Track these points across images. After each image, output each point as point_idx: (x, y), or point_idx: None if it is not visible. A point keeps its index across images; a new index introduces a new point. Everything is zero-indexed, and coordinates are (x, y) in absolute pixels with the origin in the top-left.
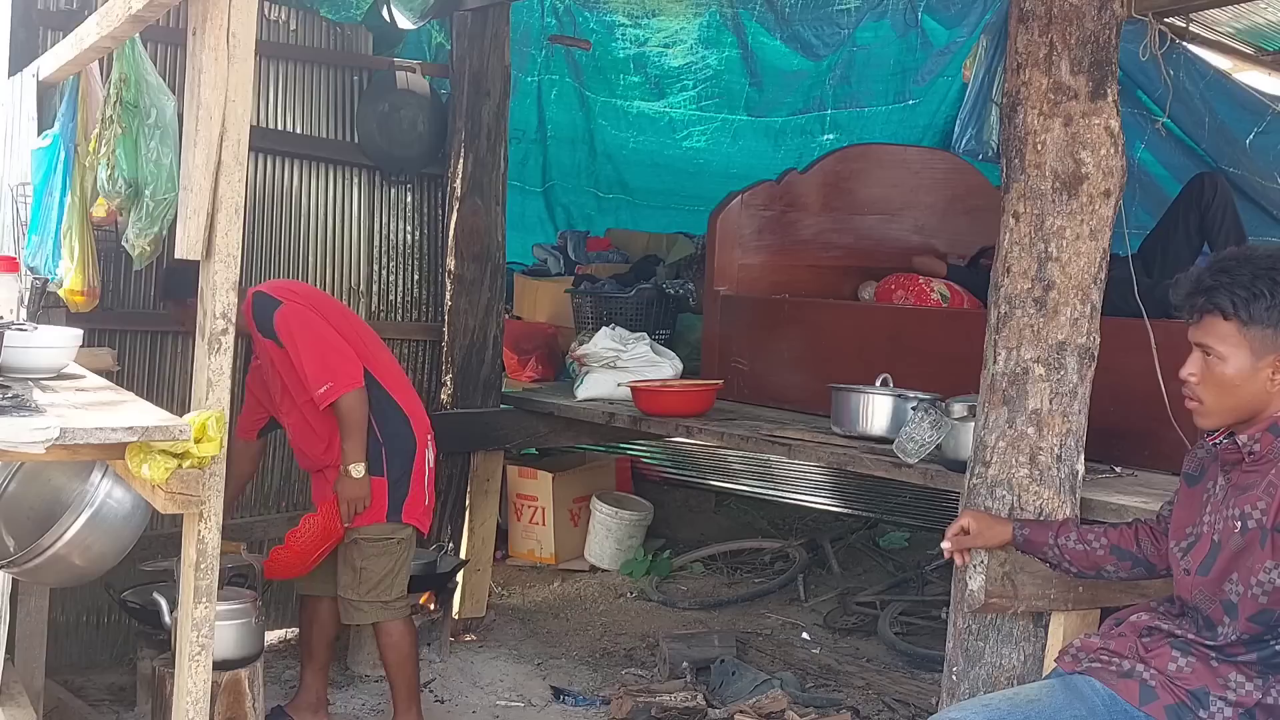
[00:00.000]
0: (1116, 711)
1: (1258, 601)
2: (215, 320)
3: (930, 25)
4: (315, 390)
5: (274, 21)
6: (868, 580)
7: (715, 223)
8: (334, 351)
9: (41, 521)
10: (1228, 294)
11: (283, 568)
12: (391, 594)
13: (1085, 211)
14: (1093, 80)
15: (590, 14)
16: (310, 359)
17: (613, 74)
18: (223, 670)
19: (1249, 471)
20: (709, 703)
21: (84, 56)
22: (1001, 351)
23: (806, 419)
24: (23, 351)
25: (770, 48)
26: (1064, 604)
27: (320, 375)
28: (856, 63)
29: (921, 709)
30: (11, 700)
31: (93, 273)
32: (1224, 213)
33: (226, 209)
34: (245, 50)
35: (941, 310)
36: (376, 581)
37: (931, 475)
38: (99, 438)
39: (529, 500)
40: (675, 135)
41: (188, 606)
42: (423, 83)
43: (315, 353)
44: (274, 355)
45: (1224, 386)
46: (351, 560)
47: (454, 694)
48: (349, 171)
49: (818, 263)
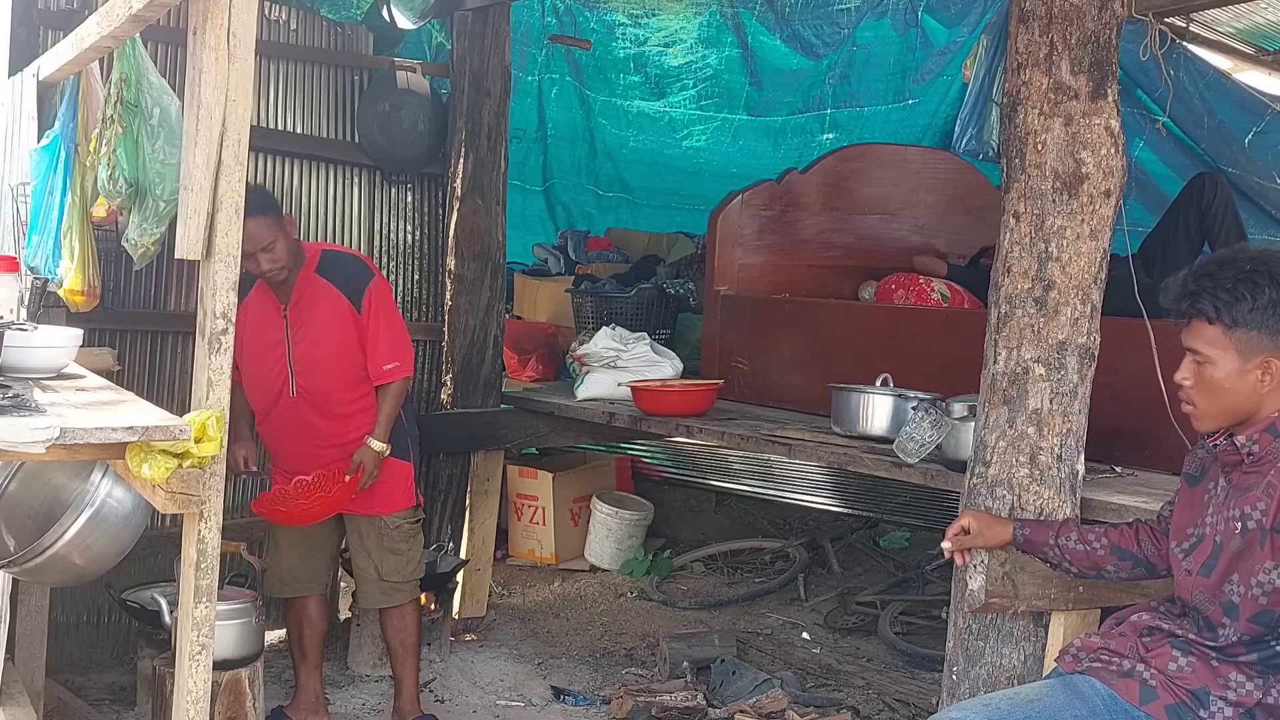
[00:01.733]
0: (1117, 711)
1: (1258, 602)
2: (215, 320)
3: (930, 25)
4: (382, 365)
5: (274, 21)
6: (868, 580)
7: (715, 222)
8: (405, 336)
9: (42, 521)
10: (1211, 298)
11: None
12: (421, 572)
13: (1085, 211)
14: (1093, 80)
15: (590, 13)
16: (388, 336)
17: (613, 73)
18: (223, 670)
19: (1249, 472)
20: (709, 702)
21: (84, 56)
22: (1002, 351)
23: (807, 419)
24: (23, 351)
25: (770, 47)
26: (1064, 604)
27: (391, 353)
28: (856, 62)
29: (922, 709)
30: (12, 700)
31: (93, 273)
32: (1224, 212)
33: (226, 209)
34: (246, 50)
35: (942, 310)
36: (417, 561)
37: (932, 475)
38: (99, 437)
39: (529, 500)
40: (675, 134)
41: (188, 606)
42: (423, 82)
43: (394, 332)
44: (336, 317)
45: (1214, 390)
46: (392, 545)
47: (454, 694)
48: (349, 171)
49: (818, 262)
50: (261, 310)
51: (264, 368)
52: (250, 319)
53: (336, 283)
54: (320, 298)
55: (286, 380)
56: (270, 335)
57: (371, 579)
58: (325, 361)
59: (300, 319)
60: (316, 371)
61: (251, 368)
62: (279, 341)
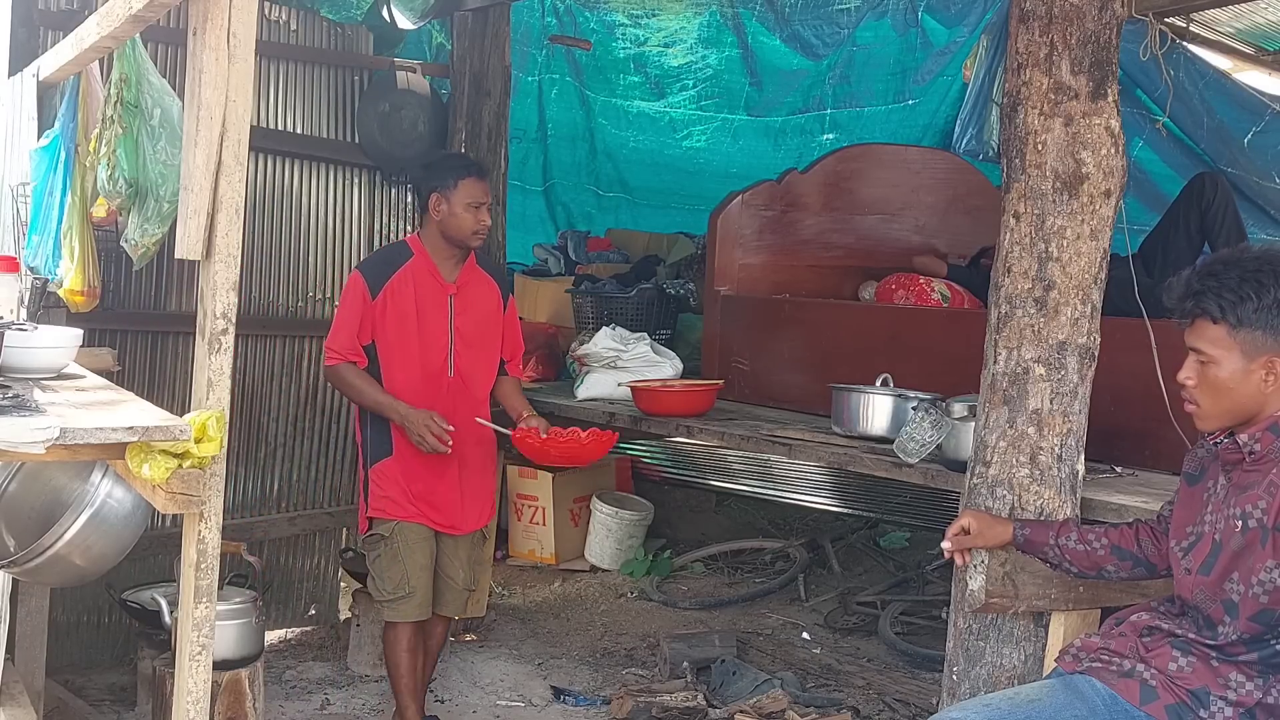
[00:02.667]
0: (1117, 711)
1: (1258, 601)
2: (215, 320)
3: (930, 25)
4: (520, 361)
5: (274, 21)
6: (868, 580)
7: (716, 222)
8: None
9: (42, 521)
10: (1215, 298)
11: (575, 456)
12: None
13: (1086, 211)
14: (1093, 80)
15: (590, 14)
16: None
17: (613, 73)
18: (223, 670)
19: (1249, 471)
20: (709, 702)
21: (84, 56)
22: (1002, 351)
23: (807, 419)
24: (23, 351)
25: (770, 47)
26: (1064, 604)
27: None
28: (856, 62)
29: (922, 709)
30: (12, 700)
31: (93, 273)
32: (1224, 212)
33: (227, 209)
34: (246, 50)
35: (942, 310)
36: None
37: (932, 475)
38: (99, 438)
39: (529, 500)
40: (675, 135)
41: (188, 606)
42: (423, 83)
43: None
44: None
45: (1219, 389)
46: (482, 556)
47: (454, 694)
48: (349, 171)
49: (818, 263)
50: (426, 290)
51: (424, 346)
52: (410, 297)
53: (494, 276)
54: (481, 285)
55: (446, 360)
56: (435, 314)
57: (459, 590)
58: (482, 346)
59: (465, 303)
60: (472, 355)
61: (411, 346)
62: (442, 320)
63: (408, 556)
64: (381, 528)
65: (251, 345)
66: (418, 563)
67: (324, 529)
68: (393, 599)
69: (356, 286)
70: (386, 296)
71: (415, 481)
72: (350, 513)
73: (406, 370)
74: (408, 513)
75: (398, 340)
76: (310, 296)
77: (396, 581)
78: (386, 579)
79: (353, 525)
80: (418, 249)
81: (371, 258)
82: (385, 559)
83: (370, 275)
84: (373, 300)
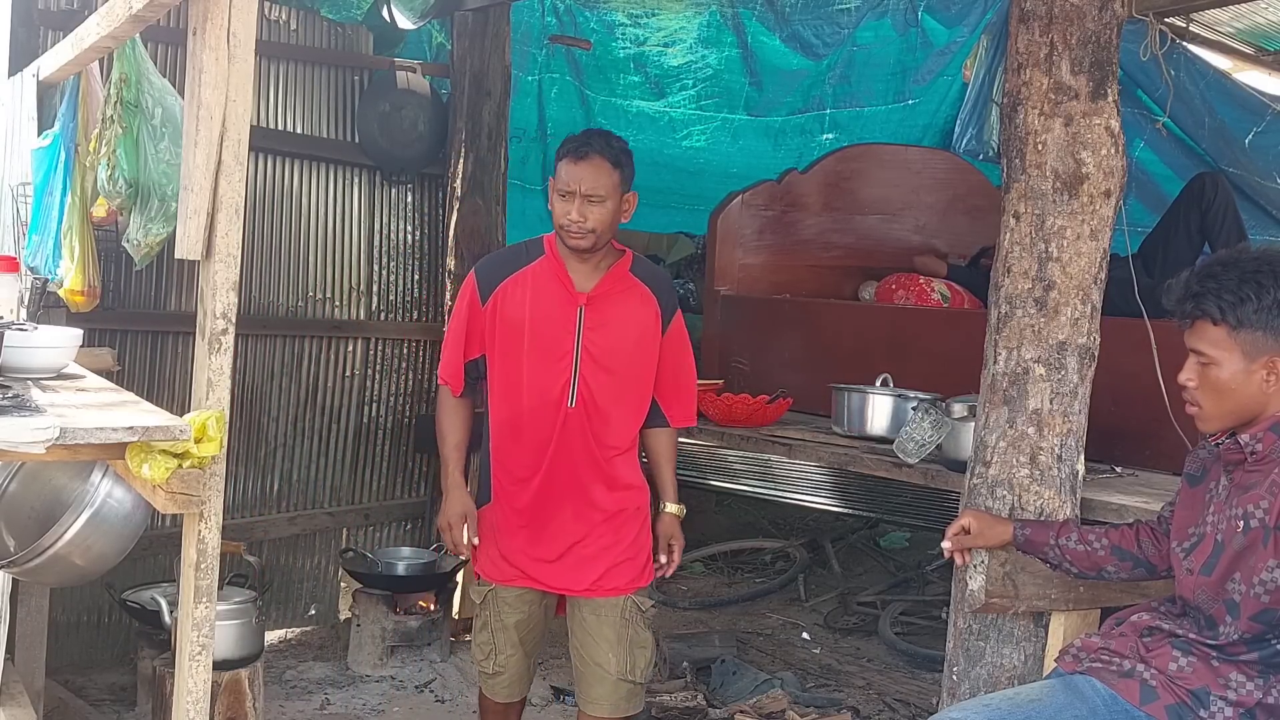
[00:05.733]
0: (1117, 711)
1: (1260, 601)
2: (215, 320)
3: (930, 25)
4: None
5: (274, 21)
6: (868, 580)
7: (715, 222)
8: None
9: (42, 521)
10: (1215, 299)
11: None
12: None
13: (1086, 211)
14: (1093, 80)
15: (590, 13)
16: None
17: (613, 73)
18: (223, 670)
19: (1251, 471)
20: (709, 702)
21: (84, 56)
22: (1002, 351)
23: (807, 419)
24: (23, 351)
25: (770, 47)
26: (1064, 604)
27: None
28: (856, 62)
29: (922, 709)
30: (12, 700)
31: (93, 273)
32: (1225, 213)
33: (227, 209)
34: (246, 50)
35: (942, 310)
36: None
37: (932, 475)
38: (99, 438)
39: None
40: (675, 135)
41: (188, 606)
42: (423, 83)
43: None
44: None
45: (1220, 391)
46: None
47: (454, 694)
48: (349, 171)
49: (818, 263)
50: (546, 297)
51: (536, 367)
52: (524, 304)
53: (652, 288)
54: (629, 294)
55: (568, 385)
56: (557, 328)
57: (608, 679)
58: (623, 373)
59: (602, 318)
60: (606, 383)
61: (515, 366)
62: (568, 336)
63: (498, 630)
64: (480, 588)
65: (251, 345)
66: (510, 639)
67: (324, 529)
68: (480, 669)
69: (467, 289)
70: (497, 302)
71: (510, 536)
72: (350, 513)
73: (509, 396)
74: (505, 575)
75: (502, 359)
76: (310, 296)
77: (485, 653)
78: (476, 645)
79: (353, 525)
80: (550, 248)
81: (493, 254)
82: (478, 623)
83: (484, 276)
84: (482, 306)
